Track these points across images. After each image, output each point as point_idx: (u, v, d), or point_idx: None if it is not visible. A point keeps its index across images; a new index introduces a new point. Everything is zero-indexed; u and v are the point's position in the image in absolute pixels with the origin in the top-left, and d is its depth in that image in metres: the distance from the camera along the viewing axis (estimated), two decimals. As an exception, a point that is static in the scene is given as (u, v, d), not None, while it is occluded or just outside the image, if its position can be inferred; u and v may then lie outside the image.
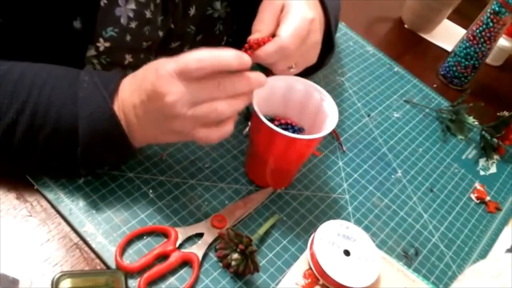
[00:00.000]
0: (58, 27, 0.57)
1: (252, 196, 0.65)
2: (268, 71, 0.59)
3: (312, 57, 0.63)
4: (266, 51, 0.55)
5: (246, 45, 0.56)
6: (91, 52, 0.60)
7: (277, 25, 0.58)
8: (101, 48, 0.60)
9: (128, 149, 0.56)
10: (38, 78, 0.54)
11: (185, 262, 0.56)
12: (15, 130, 0.52)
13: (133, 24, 0.61)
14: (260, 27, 0.57)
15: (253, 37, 0.57)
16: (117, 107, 0.54)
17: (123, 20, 0.60)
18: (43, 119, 0.52)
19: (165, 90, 0.50)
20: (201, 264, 0.57)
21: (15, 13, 0.55)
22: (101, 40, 0.60)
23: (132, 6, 0.60)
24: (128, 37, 0.62)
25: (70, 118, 0.53)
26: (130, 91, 0.54)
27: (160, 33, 0.66)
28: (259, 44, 0.56)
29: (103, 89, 0.54)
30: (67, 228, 0.56)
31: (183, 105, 0.50)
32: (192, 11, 0.69)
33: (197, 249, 0.57)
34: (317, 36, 0.60)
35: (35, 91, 0.53)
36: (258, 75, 0.53)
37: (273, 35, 0.57)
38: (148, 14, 0.62)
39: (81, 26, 0.57)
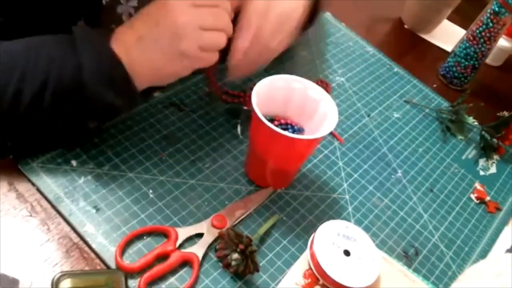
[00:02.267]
0: (62, 29, 0.57)
1: (252, 196, 0.65)
2: None
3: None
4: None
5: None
6: None
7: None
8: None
9: (132, 89, 0.56)
10: (31, 44, 0.54)
11: (185, 262, 0.56)
12: (20, 100, 0.52)
13: None
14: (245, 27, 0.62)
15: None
16: (116, 46, 0.54)
17: (124, 18, 0.60)
18: (46, 74, 0.52)
19: (178, 10, 0.53)
20: (201, 264, 0.57)
21: (20, 14, 0.55)
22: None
23: (134, 3, 0.60)
24: None
25: (72, 67, 0.52)
26: (134, 28, 0.55)
27: None
28: None
29: (98, 36, 0.55)
30: (67, 228, 0.56)
31: (194, 28, 0.54)
32: None
33: (197, 249, 0.57)
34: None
35: (32, 55, 0.52)
36: None
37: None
38: None
39: (85, 25, 0.58)
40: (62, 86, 0.53)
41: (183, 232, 0.58)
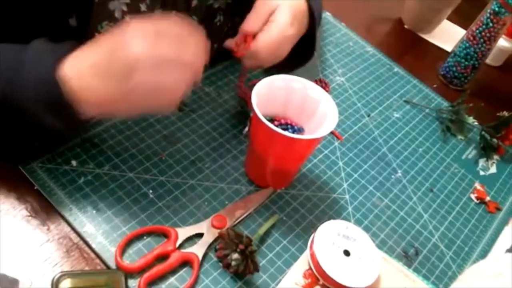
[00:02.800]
0: (54, 26, 0.57)
1: (252, 196, 0.65)
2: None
3: (278, 59, 0.68)
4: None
5: (238, 41, 0.66)
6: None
7: (265, 22, 0.65)
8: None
9: (70, 111, 0.52)
10: None
11: (185, 262, 0.56)
12: None
13: (127, 18, 0.61)
14: (249, 25, 0.65)
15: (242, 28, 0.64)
16: (69, 70, 0.51)
17: (117, 14, 0.60)
18: None
19: (133, 40, 0.49)
20: (201, 264, 0.57)
21: (11, 12, 0.55)
22: (96, 35, 0.60)
23: (126, 0, 0.60)
24: None
25: (14, 86, 0.51)
26: (91, 53, 0.52)
27: None
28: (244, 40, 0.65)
29: (50, 54, 0.52)
30: (67, 228, 0.56)
31: (148, 57, 0.49)
32: (194, 2, 0.69)
33: (197, 249, 0.57)
34: (288, 48, 0.67)
35: None
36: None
37: (255, 35, 0.64)
38: (143, 7, 0.62)
39: (77, 23, 0.57)
40: (3, 103, 0.51)
41: (183, 232, 0.58)
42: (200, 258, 0.56)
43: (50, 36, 0.58)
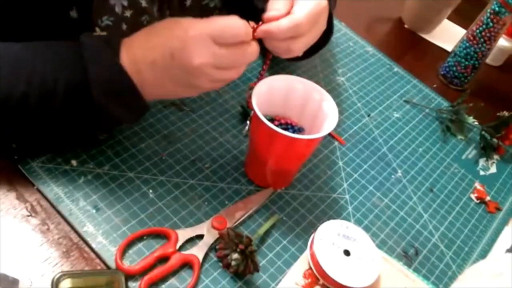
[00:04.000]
0: (55, 17, 0.57)
1: (252, 197, 0.65)
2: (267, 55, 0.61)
3: (315, 40, 0.63)
4: (280, 26, 0.55)
5: (260, 23, 0.56)
6: None
7: (291, 5, 0.58)
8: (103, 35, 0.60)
9: (140, 103, 0.56)
10: (39, 50, 0.54)
11: (186, 264, 0.56)
12: (27, 103, 0.52)
13: (128, 13, 0.61)
14: (276, 5, 0.57)
15: (268, 15, 0.56)
16: (127, 62, 0.54)
17: (117, 9, 0.60)
18: (53, 87, 0.52)
19: (195, 51, 0.51)
20: (201, 266, 0.57)
21: (11, 3, 0.55)
22: (97, 29, 0.60)
23: None
24: (124, 26, 0.62)
25: (80, 80, 0.52)
26: (149, 47, 0.54)
27: None
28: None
29: (106, 47, 0.54)
30: (67, 228, 0.56)
31: (209, 68, 0.53)
32: (188, 2, 0.69)
33: (198, 251, 0.57)
34: (325, 22, 0.62)
35: (39, 62, 0.53)
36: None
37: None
38: (144, 3, 0.62)
39: (78, 15, 0.58)
40: (70, 98, 0.53)
41: (183, 234, 0.58)
42: (201, 259, 0.56)
43: (50, 28, 0.58)
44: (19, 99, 0.52)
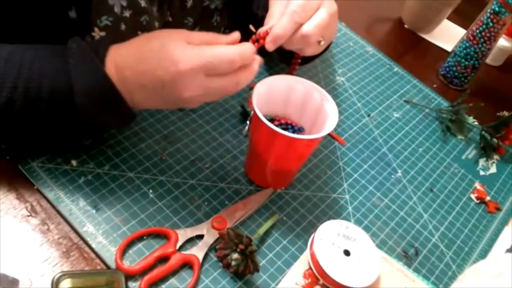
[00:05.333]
0: (53, 17, 0.57)
1: (252, 197, 0.65)
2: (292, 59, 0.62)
3: (334, 29, 0.63)
4: (281, 25, 0.56)
5: (254, 37, 0.57)
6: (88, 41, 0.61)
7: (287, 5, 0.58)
8: (97, 38, 0.60)
9: (125, 110, 0.55)
10: (26, 55, 0.54)
11: (186, 264, 0.56)
12: (11, 108, 0.52)
13: (127, 13, 0.61)
14: (271, 21, 0.58)
15: (263, 29, 0.57)
16: (113, 70, 0.53)
17: (116, 9, 0.60)
18: (38, 92, 0.52)
19: (186, 86, 0.52)
20: (201, 266, 0.57)
21: (10, 3, 0.55)
22: (96, 29, 0.60)
23: None
24: (123, 27, 0.62)
25: (64, 87, 0.52)
26: (139, 71, 0.53)
27: (156, 24, 0.66)
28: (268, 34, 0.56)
29: (93, 54, 0.53)
30: (67, 228, 0.56)
31: (200, 97, 0.54)
32: (189, 3, 0.69)
33: (198, 251, 0.57)
34: (331, 4, 0.60)
35: (25, 67, 0.52)
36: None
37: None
38: (143, 3, 0.62)
39: (77, 15, 0.58)
40: (53, 103, 0.53)
41: (183, 234, 0.58)
42: (201, 259, 0.56)
43: (49, 28, 0.58)
44: (4, 104, 0.52)
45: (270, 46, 0.57)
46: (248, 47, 0.55)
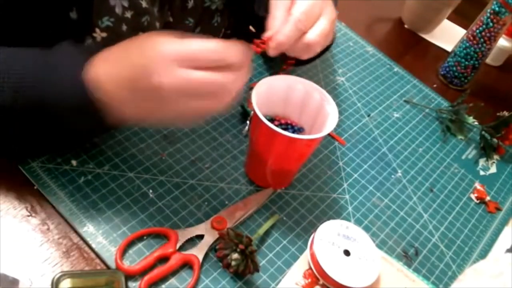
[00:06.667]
0: (54, 19, 0.57)
1: (252, 197, 0.65)
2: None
3: (331, 35, 0.61)
4: (284, 32, 0.54)
5: (257, 41, 0.55)
6: (88, 42, 0.60)
7: (290, 7, 0.57)
8: (98, 39, 0.60)
9: (103, 117, 0.52)
10: (11, 58, 0.53)
11: (186, 264, 0.56)
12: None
13: (128, 14, 0.61)
14: (274, 24, 0.56)
15: (266, 34, 0.56)
16: (95, 75, 0.50)
17: (118, 10, 0.60)
18: (20, 94, 0.51)
19: (162, 70, 0.47)
20: (201, 265, 0.57)
21: (11, 4, 0.55)
22: (97, 30, 0.60)
23: None
24: (124, 27, 0.62)
25: (39, 92, 0.51)
26: (118, 64, 0.51)
27: (157, 25, 0.66)
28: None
29: (75, 58, 0.51)
30: (67, 228, 0.56)
31: (181, 93, 0.49)
32: (190, 4, 0.69)
33: (198, 251, 0.57)
34: (330, 10, 0.59)
35: (10, 70, 0.51)
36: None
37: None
38: (144, 4, 0.62)
39: (78, 16, 0.58)
40: (29, 109, 0.52)
41: (183, 234, 0.58)
42: (201, 259, 0.56)
43: (50, 29, 0.58)
44: None
45: (272, 53, 0.55)
46: (239, 47, 0.51)
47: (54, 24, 0.58)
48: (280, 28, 0.55)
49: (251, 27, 0.58)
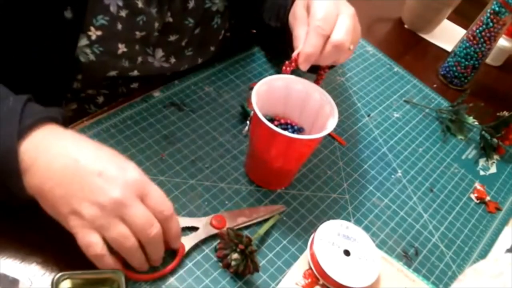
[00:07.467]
0: (49, 18, 0.57)
1: (261, 209, 0.64)
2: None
3: (358, 30, 0.63)
4: (310, 43, 0.57)
5: (287, 62, 0.60)
6: (83, 41, 0.61)
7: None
8: (93, 37, 0.60)
9: (20, 191, 0.49)
10: None
11: (172, 251, 0.55)
12: None
13: (123, 13, 0.61)
14: (299, 43, 0.59)
15: (294, 53, 0.59)
16: (31, 146, 0.48)
17: (112, 8, 0.60)
18: None
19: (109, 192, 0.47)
20: (187, 255, 0.56)
21: (5, 4, 0.55)
22: (92, 28, 0.60)
23: None
24: (119, 26, 0.62)
25: None
26: (44, 187, 0.48)
27: (156, 25, 0.66)
28: None
29: (18, 120, 0.47)
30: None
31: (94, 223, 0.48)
32: (191, 4, 0.69)
33: (186, 240, 0.57)
34: (348, 7, 0.60)
35: None
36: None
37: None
38: (140, 3, 0.62)
39: (72, 15, 0.58)
40: None
41: (180, 221, 0.57)
42: (187, 248, 0.56)
43: (44, 28, 0.58)
44: None
45: (304, 66, 0.58)
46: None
47: (48, 23, 0.58)
48: (304, 41, 0.55)
49: (253, 31, 0.59)
